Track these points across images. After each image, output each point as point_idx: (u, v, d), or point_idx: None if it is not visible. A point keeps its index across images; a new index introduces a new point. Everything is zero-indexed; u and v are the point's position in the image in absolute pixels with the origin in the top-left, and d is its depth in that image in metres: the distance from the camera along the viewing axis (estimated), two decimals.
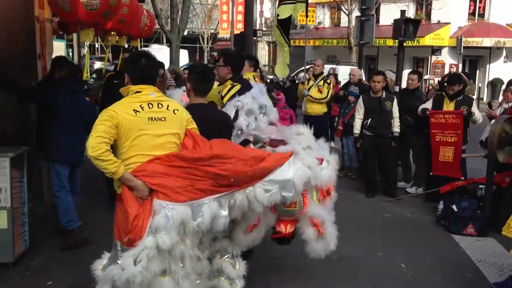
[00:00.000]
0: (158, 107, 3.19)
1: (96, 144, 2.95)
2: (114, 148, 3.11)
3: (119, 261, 3.03)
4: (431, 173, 6.85)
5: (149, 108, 3.16)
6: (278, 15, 7.93)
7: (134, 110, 3.11)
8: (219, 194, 3.08)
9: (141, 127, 3.10)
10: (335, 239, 3.60)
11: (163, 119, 3.17)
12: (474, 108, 6.62)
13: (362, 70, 8.83)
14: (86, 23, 4.06)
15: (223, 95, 4.50)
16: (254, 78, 5.56)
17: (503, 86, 16.10)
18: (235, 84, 4.57)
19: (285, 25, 8.01)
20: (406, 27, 8.53)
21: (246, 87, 4.52)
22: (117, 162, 3.01)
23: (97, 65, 24.57)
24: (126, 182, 3.03)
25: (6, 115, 5.56)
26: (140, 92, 3.23)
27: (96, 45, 37.57)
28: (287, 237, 3.74)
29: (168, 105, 3.24)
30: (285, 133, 3.81)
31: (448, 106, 6.70)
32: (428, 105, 6.92)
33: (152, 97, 3.21)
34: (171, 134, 3.20)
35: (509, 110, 6.17)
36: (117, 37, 6.37)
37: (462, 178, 6.60)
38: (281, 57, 8.18)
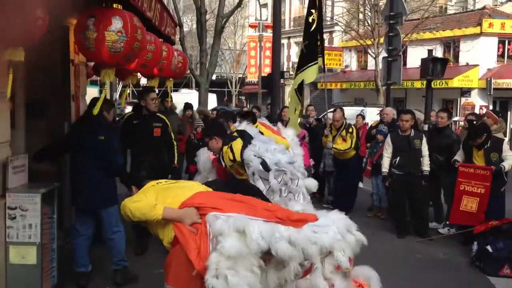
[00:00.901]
0: None
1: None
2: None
3: None
4: (445, 205, 6.71)
5: None
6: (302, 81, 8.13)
7: None
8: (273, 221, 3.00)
9: None
10: None
11: None
12: (506, 151, 6.49)
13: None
14: (109, 64, 4.22)
15: (232, 159, 4.54)
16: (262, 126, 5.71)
17: None
18: (230, 144, 4.61)
19: (300, 87, 8.21)
20: (434, 66, 8.52)
21: (246, 138, 4.58)
22: (152, 203, 3.08)
23: (128, 109, 25.26)
24: (170, 217, 2.98)
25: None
26: None
27: (128, 91, 38.74)
28: None
29: None
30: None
31: (478, 154, 6.58)
32: (459, 157, 6.84)
33: None
34: None
35: None
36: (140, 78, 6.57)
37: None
38: (292, 119, 8.26)
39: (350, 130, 8.25)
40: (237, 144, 4.54)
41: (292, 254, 2.88)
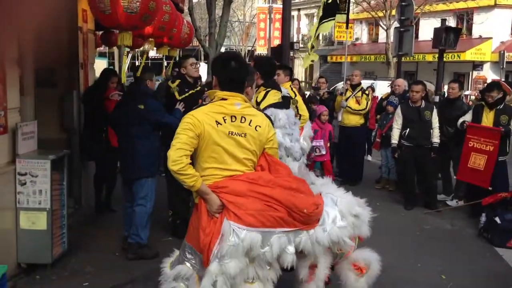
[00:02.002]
0: (241, 122, 3.02)
1: (177, 158, 2.89)
2: (193, 155, 3.05)
3: (186, 263, 3.06)
4: (455, 177, 6.68)
5: (231, 121, 3.00)
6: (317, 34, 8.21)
7: (216, 121, 2.98)
8: (288, 229, 2.97)
9: (221, 140, 2.98)
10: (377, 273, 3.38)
11: (243, 135, 3.01)
12: None
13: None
14: (126, 27, 4.14)
15: (258, 101, 4.52)
16: (292, 89, 5.56)
17: None
18: (268, 89, 4.59)
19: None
20: (447, 36, 8.36)
21: (285, 104, 4.54)
22: (195, 176, 2.93)
23: None
24: (202, 194, 2.97)
25: (50, 123, 5.76)
26: (225, 100, 3.04)
27: (137, 63, 38.63)
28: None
29: (251, 120, 3.05)
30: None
31: (488, 115, 6.51)
32: (468, 116, 6.76)
33: (236, 109, 3.03)
34: (249, 151, 3.05)
35: None
36: (156, 47, 6.52)
37: (490, 188, 6.35)
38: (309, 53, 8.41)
39: (367, 92, 8.27)
40: (274, 95, 4.48)
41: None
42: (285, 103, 4.66)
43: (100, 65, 12.77)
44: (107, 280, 4.40)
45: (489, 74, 24.93)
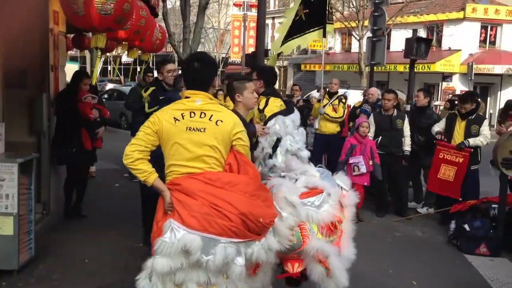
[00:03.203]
0: (200, 117, 2.99)
1: (129, 152, 2.97)
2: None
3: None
4: (425, 185, 6.85)
5: (190, 117, 2.99)
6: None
7: (174, 118, 2.99)
8: (238, 240, 2.90)
9: (178, 136, 2.97)
10: (345, 273, 3.37)
11: (202, 130, 2.97)
12: (485, 127, 6.60)
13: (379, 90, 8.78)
14: (99, 29, 4.08)
15: (261, 108, 4.45)
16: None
17: None
18: (268, 97, 4.56)
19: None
20: (418, 46, 8.53)
21: (289, 110, 4.55)
22: (146, 172, 2.97)
23: (109, 86, 24.97)
24: (157, 190, 3.01)
25: (19, 126, 5.62)
26: (188, 98, 3.07)
27: (109, 68, 38.18)
28: (295, 278, 3.49)
29: (212, 115, 3.00)
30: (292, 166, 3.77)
31: (460, 124, 6.66)
32: (441, 124, 6.92)
33: (196, 105, 3.02)
34: (209, 147, 2.98)
35: None
36: (128, 50, 6.44)
37: (460, 199, 6.53)
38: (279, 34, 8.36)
39: (344, 100, 8.31)
40: (275, 102, 4.46)
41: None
42: (289, 108, 4.65)
43: (71, 69, 12.54)
44: (75, 287, 4.31)
45: (458, 85, 25.56)
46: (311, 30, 7.97)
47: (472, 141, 6.52)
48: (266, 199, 3.08)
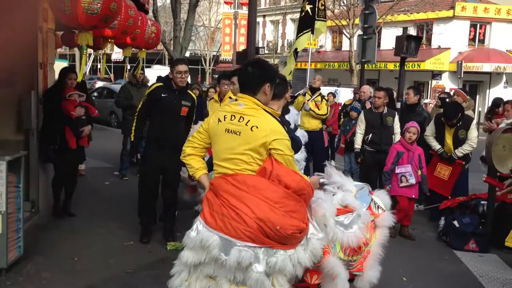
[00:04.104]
0: (239, 121, 3.03)
1: (184, 148, 3.32)
2: None
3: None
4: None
5: (231, 120, 3.05)
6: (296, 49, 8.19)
7: (218, 119, 3.11)
8: (254, 245, 2.87)
9: (218, 136, 3.10)
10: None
11: (238, 133, 3.02)
12: (472, 130, 6.66)
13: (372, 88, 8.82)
14: (86, 27, 4.06)
15: None
16: None
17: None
18: None
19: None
20: (408, 44, 8.57)
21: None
22: (194, 168, 3.26)
23: (99, 84, 24.81)
24: (201, 181, 3.27)
25: (7, 124, 5.57)
26: (236, 100, 3.16)
27: (99, 66, 37.97)
28: None
29: (249, 120, 3.01)
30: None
31: (449, 130, 6.69)
32: (431, 128, 6.93)
33: (238, 109, 3.06)
34: (242, 150, 3.01)
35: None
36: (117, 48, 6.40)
37: (450, 197, 6.59)
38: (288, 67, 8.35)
39: (327, 98, 8.33)
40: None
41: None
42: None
43: (60, 67, 12.46)
44: (64, 285, 4.27)
45: (447, 83, 25.71)
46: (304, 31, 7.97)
47: (459, 153, 6.60)
48: (293, 211, 2.98)
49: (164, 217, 5.53)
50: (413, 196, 6.12)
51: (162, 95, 5.17)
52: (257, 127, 2.99)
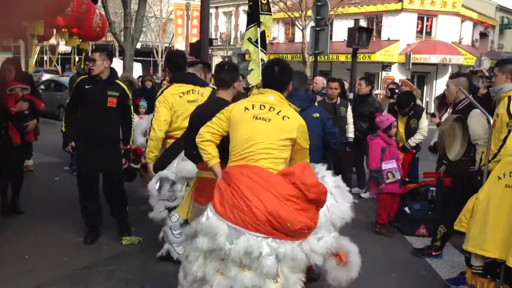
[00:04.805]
0: (269, 110, 3.18)
1: (202, 132, 3.23)
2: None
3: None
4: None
5: (260, 109, 3.19)
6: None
7: (245, 107, 3.20)
8: (262, 235, 2.90)
9: (243, 123, 3.15)
10: (358, 267, 3.57)
11: (268, 120, 3.14)
12: (422, 120, 6.88)
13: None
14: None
15: None
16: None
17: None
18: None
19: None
20: (360, 35, 8.75)
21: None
22: (210, 155, 3.19)
23: (46, 77, 23.96)
24: (214, 174, 3.21)
25: None
26: (262, 94, 3.30)
27: (45, 58, 36.65)
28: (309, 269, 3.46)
29: (280, 111, 3.18)
30: None
31: (402, 120, 6.88)
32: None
33: (268, 99, 3.23)
34: (268, 141, 3.10)
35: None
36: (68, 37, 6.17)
37: (407, 179, 6.81)
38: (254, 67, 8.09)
39: None
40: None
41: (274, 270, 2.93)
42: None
43: (3, 59, 11.96)
44: (16, 285, 4.13)
45: (397, 74, 26.45)
46: (250, 26, 7.82)
47: (412, 142, 6.82)
48: (303, 209, 3.01)
49: (114, 213, 5.39)
50: (395, 192, 6.07)
51: (86, 86, 4.98)
52: (288, 118, 3.17)
